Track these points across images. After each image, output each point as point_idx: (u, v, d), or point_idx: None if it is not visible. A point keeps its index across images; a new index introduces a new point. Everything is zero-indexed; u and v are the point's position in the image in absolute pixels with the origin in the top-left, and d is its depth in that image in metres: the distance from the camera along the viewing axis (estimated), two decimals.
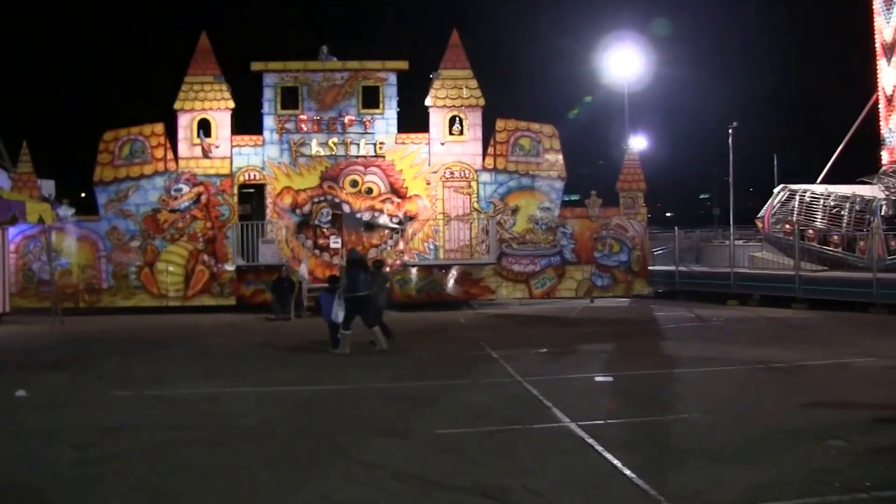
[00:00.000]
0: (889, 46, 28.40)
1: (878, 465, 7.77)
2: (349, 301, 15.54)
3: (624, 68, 31.37)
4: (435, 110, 25.90)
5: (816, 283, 23.79)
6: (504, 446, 8.63)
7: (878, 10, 28.73)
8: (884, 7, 28.56)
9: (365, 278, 15.80)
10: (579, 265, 26.43)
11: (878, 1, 28.76)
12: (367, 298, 15.70)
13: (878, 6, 28.81)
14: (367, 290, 15.69)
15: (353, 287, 15.62)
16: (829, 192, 27.27)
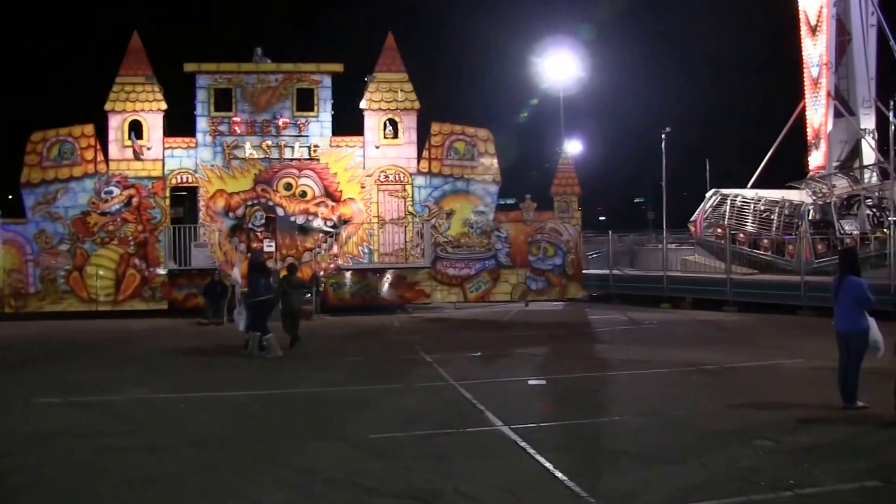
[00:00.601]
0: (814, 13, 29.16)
1: (803, 464, 7.94)
2: (250, 306, 15.46)
3: (559, 73, 31.61)
4: (370, 113, 25.79)
5: (747, 286, 24.25)
6: (437, 450, 8.61)
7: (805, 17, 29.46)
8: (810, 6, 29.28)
9: (265, 283, 15.74)
10: (514, 269, 26.55)
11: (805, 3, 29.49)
12: (268, 303, 15.60)
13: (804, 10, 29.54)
14: (268, 294, 15.59)
15: (253, 292, 15.57)
16: (760, 196, 27.83)
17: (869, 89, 29.04)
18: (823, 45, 28.87)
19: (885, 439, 8.97)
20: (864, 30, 29.00)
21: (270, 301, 15.72)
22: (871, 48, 29.15)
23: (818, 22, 28.95)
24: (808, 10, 29.45)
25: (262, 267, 16.47)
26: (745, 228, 27.17)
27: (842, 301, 10.44)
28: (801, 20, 29.70)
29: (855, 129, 28.94)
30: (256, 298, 15.48)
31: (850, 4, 28.94)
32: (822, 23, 28.81)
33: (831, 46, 28.87)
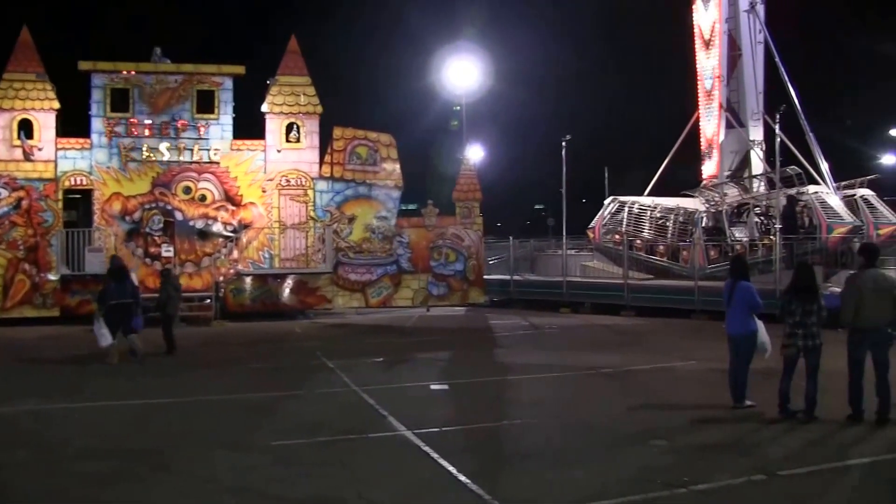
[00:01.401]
0: (707, 30, 30.13)
1: (697, 462, 8.30)
2: (107, 312, 15.29)
3: (462, 80, 31.89)
4: (272, 117, 25.48)
5: (643, 291, 24.89)
6: (341, 456, 8.63)
7: (699, 32, 30.41)
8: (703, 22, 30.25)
9: (118, 287, 15.54)
10: (416, 274, 26.61)
11: (699, 20, 30.43)
12: (122, 307, 15.36)
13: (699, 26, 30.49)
14: (120, 298, 15.37)
15: (104, 296, 15.48)
16: (656, 204, 28.56)
17: (757, 103, 30.15)
18: (716, 59, 29.89)
19: (770, 436, 9.42)
20: (753, 46, 30.11)
21: (125, 304, 15.45)
22: (760, 64, 30.27)
23: (711, 37, 29.96)
24: (702, 25, 30.45)
25: (118, 272, 16.15)
26: (642, 235, 27.84)
27: (733, 305, 10.88)
28: (696, 35, 30.68)
29: (745, 140, 29.99)
30: (110, 302, 15.26)
31: (741, 22, 30.01)
32: (714, 38, 29.82)
33: (723, 61, 29.89)
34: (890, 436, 9.31)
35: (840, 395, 10.10)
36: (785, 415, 10.09)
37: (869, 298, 9.85)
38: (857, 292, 9.97)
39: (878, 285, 9.94)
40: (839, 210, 24.51)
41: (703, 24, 30.25)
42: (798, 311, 10.09)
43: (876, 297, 9.85)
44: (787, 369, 10.23)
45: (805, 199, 24.65)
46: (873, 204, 25.94)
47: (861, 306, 9.87)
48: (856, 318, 9.93)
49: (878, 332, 9.88)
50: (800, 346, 10.08)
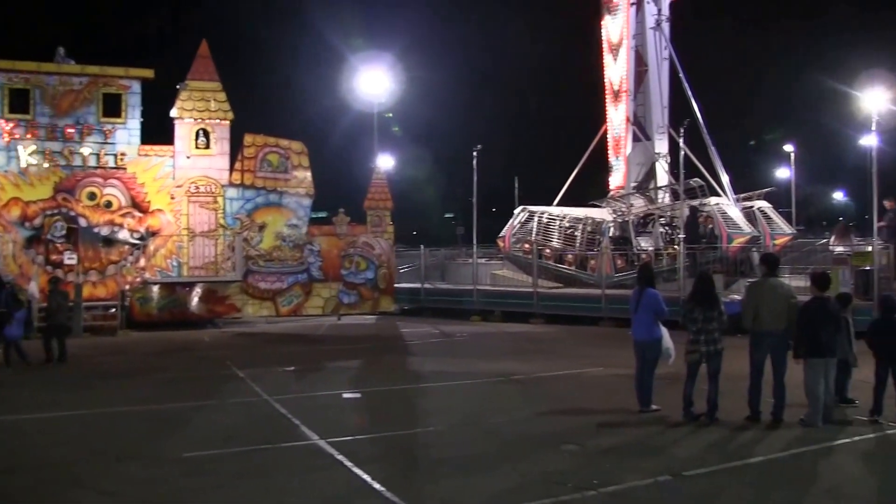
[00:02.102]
0: (615, 46, 30.77)
1: (605, 464, 8.55)
2: None
3: (374, 88, 31.86)
4: (181, 122, 25.07)
5: (552, 299, 25.29)
6: (254, 467, 8.59)
7: (606, 49, 31.08)
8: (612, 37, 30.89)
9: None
10: (327, 283, 26.52)
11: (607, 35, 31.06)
12: None
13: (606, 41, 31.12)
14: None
15: None
16: (565, 214, 29.01)
17: (662, 117, 30.93)
18: (624, 73, 30.55)
19: (674, 438, 9.74)
20: (658, 62, 30.93)
21: None
22: (665, 79, 31.09)
23: (620, 52, 30.61)
24: (611, 39, 31.08)
25: None
26: (551, 244, 28.23)
27: (639, 312, 11.20)
28: (605, 50, 31.31)
29: (651, 152, 30.71)
30: None
31: (647, 38, 30.76)
32: (622, 53, 30.48)
33: (631, 75, 30.58)
34: (784, 435, 9.75)
35: (739, 398, 10.54)
36: (688, 418, 10.45)
37: (769, 305, 10.33)
38: (758, 299, 10.46)
39: (778, 293, 10.44)
40: (739, 221, 25.30)
41: (612, 38, 30.89)
42: (700, 318, 10.48)
43: (774, 303, 10.33)
44: (690, 374, 10.61)
45: (707, 210, 25.36)
46: (770, 215, 26.87)
47: (760, 312, 10.34)
48: (756, 324, 10.39)
49: (777, 336, 10.33)
50: (702, 351, 10.46)
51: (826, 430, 9.86)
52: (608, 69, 31.39)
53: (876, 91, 23.33)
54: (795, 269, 24.62)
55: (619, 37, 30.80)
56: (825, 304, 10.34)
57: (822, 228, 47.60)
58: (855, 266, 20.56)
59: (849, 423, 10.21)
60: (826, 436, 9.67)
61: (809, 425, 10.02)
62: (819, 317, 10.15)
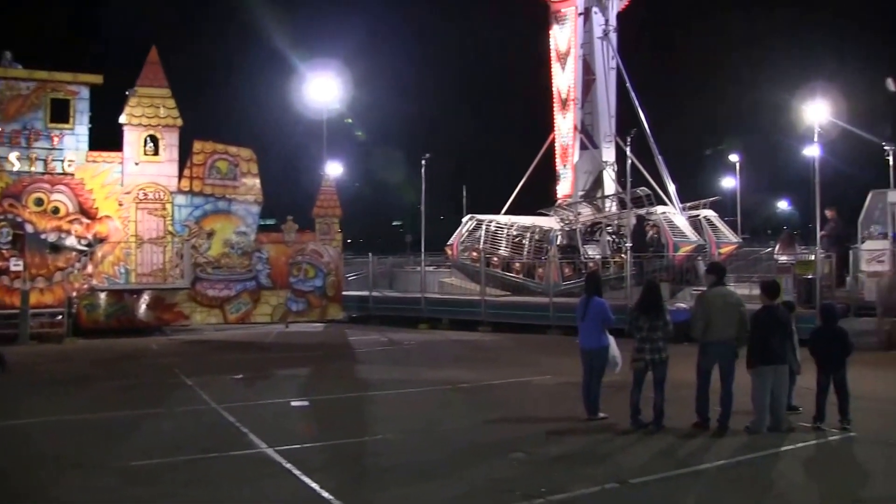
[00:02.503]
0: (563, 54, 31.06)
1: (553, 472, 8.65)
2: None
3: (323, 95, 31.80)
4: (130, 129, 24.79)
5: (500, 307, 25.42)
6: (202, 475, 8.56)
7: (554, 58, 31.33)
8: (559, 47, 31.18)
9: None
10: (275, 290, 26.41)
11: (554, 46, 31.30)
12: None
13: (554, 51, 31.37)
14: None
15: None
16: (513, 222, 29.14)
17: (610, 126, 31.21)
18: (571, 82, 30.82)
19: (621, 446, 9.89)
20: (606, 72, 31.23)
21: None
22: (612, 88, 31.40)
23: (567, 62, 30.89)
24: (560, 48, 31.35)
25: None
26: (499, 252, 28.34)
27: (587, 320, 11.34)
28: (553, 59, 31.56)
29: (598, 161, 30.99)
30: None
31: (595, 48, 31.07)
32: (570, 63, 30.76)
33: (578, 84, 30.85)
34: (730, 443, 9.92)
35: (685, 405, 10.73)
36: (636, 425, 10.60)
37: (718, 314, 10.53)
38: (707, 308, 10.66)
39: (727, 302, 10.65)
40: (685, 230, 25.63)
41: (560, 46, 31.18)
42: (645, 326, 10.66)
43: (724, 313, 10.53)
44: (637, 382, 10.76)
45: (654, 219, 25.64)
46: (715, 224, 27.27)
47: (711, 321, 10.53)
48: (705, 333, 10.59)
49: (725, 345, 10.54)
50: (647, 359, 10.64)
51: (771, 438, 10.06)
52: (556, 78, 31.64)
53: (818, 103, 23.88)
54: (741, 278, 25.09)
55: (566, 46, 31.07)
56: (775, 312, 10.57)
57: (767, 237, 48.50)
58: (798, 275, 20.94)
59: (792, 430, 10.43)
60: (771, 443, 9.87)
61: (755, 432, 10.21)
62: (769, 325, 10.37)
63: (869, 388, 12.45)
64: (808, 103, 24.11)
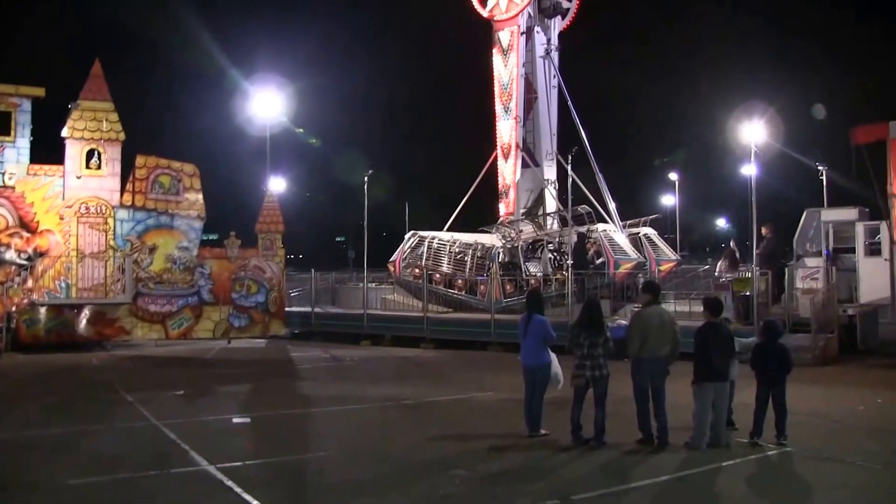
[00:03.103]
0: (505, 106, 31.27)
1: (495, 489, 8.77)
2: None
3: (267, 110, 31.67)
4: (72, 142, 24.47)
5: (442, 323, 25.48)
6: (142, 494, 8.53)
7: (498, 75, 31.57)
8: (502, 66, 31.44)
9: None
10: (217, 306, 26.23)
11: (497, 64, 31.56)
12: None
13: (497, 70, 31.62)
14: None
15: None
16: (455, 239, 29.25)
17: (551, 144, 31.54)
18: (514, 101, 31.08)
19: (563, 462, 10.04)
20: (548, 90, 31.60)
21: None
22: (554, 107, 31.76)
23: (510, 79, 31.19)
24: (500, 68, 31.54)
25: None
26: (441, 269, 28.40)
27: (528, 337, 11.48)
28: (496, 76, 31.78)
29: (540, 179, 31.27)
30: None
31: (536, 66, 31.43)
32: (513, 80, 31.05)
33: (520, 102, 31.12)
34: (671, 458, 10.12)
35: (626, 421, 10.91)
36: (577, 442, 10.75)
37: (653, 332, 10.77)
38: (642, 326, 10.89)
39: (662, 320, 10.90)
40: (625, 247, 25.98)
41: (501, 68, 31.43)
42: (586, 343, 10.84)
43: (659, 331, 10.78)
44: (578, 398, 10.92)
45: (595, 237, 25.93)
46: (655, 241, 27.71)
47: (646, 339, 10.77)
48: (640, 350, 10.82)
49: (658, 362, 10.78)
50: (588, 376, 10.80)
51: (711, 453, 10.27)
52: (498, 96, 31.84)
53: (755, 124, 24.49)
54: (680, 295, 25.52)
55: (509, 67, 31.32)
56: (718, 329, 10.83)
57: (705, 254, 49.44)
58: (736, 291, 21.36)
59: (728, 445, 10.67)
60: (710, 458, 10.07)
61: (695, 448, 10.41)
62: (712, 341, 10.61)
63: (804, 404, 12.78)
64: (745, 124, 24.71)
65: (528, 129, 31.65)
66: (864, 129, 18.82)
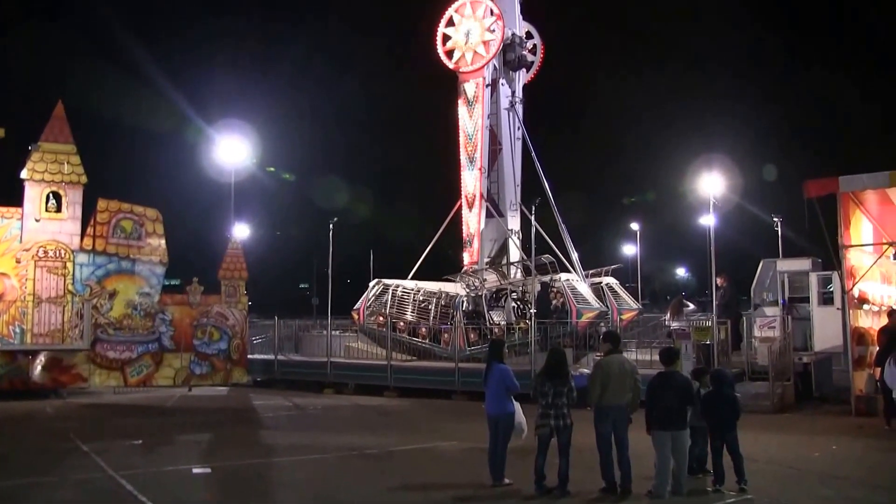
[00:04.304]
0: (470, 157, 31.52)
1: None
2: None
3: (231, 157, 31.66)
4: (32, 184, 24.18)
5: (406, 372, 25.37)
6: None
7: (463, 126, 31.86)
8: (467, 117, 31.72)
9: None
10: (178, 352, 25.89)
11: (463, 115, 31.88)
12: None
13: (463, 121, 31.93)
14: None
15: None
16: (419, 287, 29.24)
17: (515, 194, 31.83)
18: (478, 152, 31.34)
19: None
20: (512, 142, 31.96)
21: None
22: (518, 158, 32.11)
23: (475, 130, 31.49)
24: (465, 121, 31.82)
25: None
26: (405, 317, 28.35)
27: (491, 387, 11.52)
28: (461, 127, 32.06)
29: (504, 229, 31.48)
30: None
31: (501, 118, 31.79)
32: (478, 131, 31.34)
33: (485, 153, 31.39)
34: None
35: (590, 470, 10.94)
36: (540, 491, 10.75)
37: (613, 381, 10.87)
38: (603, 375, 10.99)
39: (622, 369, 11.00)
40: (588, 296, 26.16)
41: (466, 119, 31.72)
42: (550, 392, 10.88)
43: (619, 379, 10.88)
44: (542, 448, 10.94)
45: (557, 286, 26.11)
46: (617, 291, 27.95)
47: (606, 387, 10.86)
48: (601, 398, 10.88)
49: (619, 410, 10.86)
50: (552, 425, 10.83)
51: (673, 501, 10.32)
52: (462, 149, 32.10)
53: (713, 175, 24.89)
54: (641, 344, 25.70)
55: (474, 120, 31.62)
56: (669, 378, 10.94)
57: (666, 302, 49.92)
58: (697, 340, 21.61)
59: (694, 492, 10.72)
60: None
61: (657, 496, 10.47)
62: (665, 390, 10.74)
63: (762, 451, 12.89)
64: (704, 176, 25.13)
65: (492, 179, 31.89)
66: (815, 183, 19.30)
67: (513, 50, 31.93)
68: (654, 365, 11.41)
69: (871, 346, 19.16)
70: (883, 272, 21.19)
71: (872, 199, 20.34)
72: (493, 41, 30.66)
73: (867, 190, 19.61)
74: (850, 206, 19.80)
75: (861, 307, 19.89)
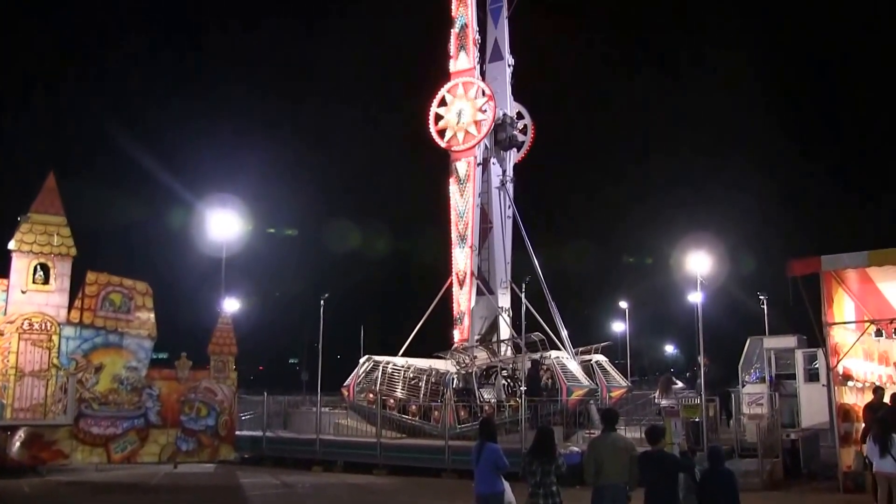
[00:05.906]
0: (461, 234, 31.73)
1: None
2: None
3: (222, 231, 31.75)
4: (19, 255, 23.94)
5: (396, 449, 25.13)
6: None
7: (455, 204, 32.08)
8: (458, 195, 31.99)
9: None
10: (164, 428, 25.50)
11: (454, 193, 32.12)
12: None
13: (454, 199, 32.15)
14: None
15: None
16: (409, 364, 29.20)
17: (506, 272, 32.03)
18: (470, 230, 31.56)
19: None
20: (503, 220, 32.31)
21: None
22: (508, 236, 32.45)
23: (466, 209, 31.77)
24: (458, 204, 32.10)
25: None
26: (395, 394, 28.23)
27: (481, 465, 11.44)
28: (452, 206, 32.29)
29: (494, 307, 31.56)
30: None
31: (492, 197, 32.17)
32: (469, 210, 31.63)
33: (475, 231, 31.63)
34: None
35: None
36: None
37: (610, 459, 10.83)
38: (595, 454, 10.98)
39: (615, 448, 10.97)
40: (577, 374, 26.17)
41: (457, 197, 31.97)
42: (538, 471, 10.80)
43: (614, 458, 10.84)
44: None
45: (548, 364, 26.11)
46: (606, 368, 28.00)
47: (600, 467, 10.81)
48: (597, 477, 10.84)
49: (616, 489, 10.80)
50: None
51: None
52: (453, 228, 32.31)
53: (700, 254, 25.11)
54: (630, 421, 25.57)
55: (466, 198, 31.92)
56: (653, 457, 10.91)
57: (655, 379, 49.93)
58: (685, 418, 21.59)
59: None
60: None
61: None
62: (650, 470, 10.69)
63: None
64: (691, 255, 25.36)
65: (483, 257, 32.12)
66: (799, 263, 19.60)
67: (504, 130, 32.48)
68: (643, 443, 11.35)
69: (857, 423, 19.26)
70: (865, 349, 21.38)
71: (853, 277, 20.63)
72: (485, 121, 31.17)
73: (848, 269, 19.87)
74: (832, 285, 20.08)
75: (846, 384, 20.03)
